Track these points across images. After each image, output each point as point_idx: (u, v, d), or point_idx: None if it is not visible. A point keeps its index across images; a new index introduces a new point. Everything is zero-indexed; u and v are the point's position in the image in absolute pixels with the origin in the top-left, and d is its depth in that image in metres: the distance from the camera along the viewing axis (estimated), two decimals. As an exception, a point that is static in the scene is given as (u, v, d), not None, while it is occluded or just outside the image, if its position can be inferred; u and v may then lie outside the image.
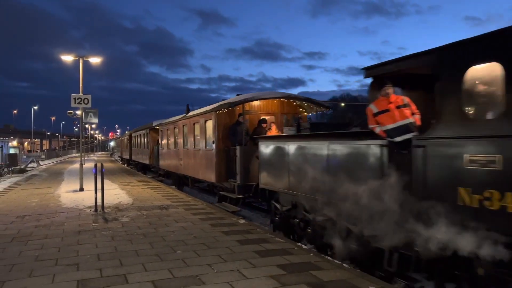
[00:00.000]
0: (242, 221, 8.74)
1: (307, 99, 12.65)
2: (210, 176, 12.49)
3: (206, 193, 16.87)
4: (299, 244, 6.96)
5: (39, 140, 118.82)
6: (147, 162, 26.29)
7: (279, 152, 8.36)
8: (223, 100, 15.23)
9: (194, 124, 14.45)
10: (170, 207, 10.57)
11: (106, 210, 10.04)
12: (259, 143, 9.44)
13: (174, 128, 17.91)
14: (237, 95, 13.93)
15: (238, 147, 10.80)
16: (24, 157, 45.98)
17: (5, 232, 7.69)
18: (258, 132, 10.86)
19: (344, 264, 5.71)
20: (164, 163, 20.40)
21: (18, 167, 30.14)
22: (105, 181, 11.90)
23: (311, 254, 6.04)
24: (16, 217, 9.24)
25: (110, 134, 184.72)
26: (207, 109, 13.17)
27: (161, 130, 21.54)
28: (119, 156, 54.55)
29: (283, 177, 8.09)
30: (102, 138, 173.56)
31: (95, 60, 17.28)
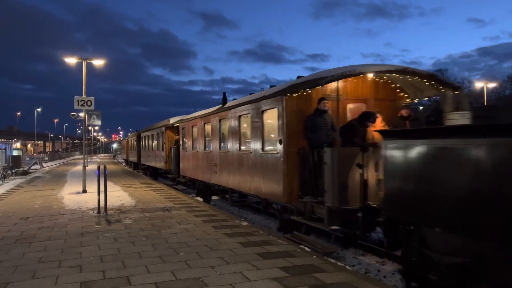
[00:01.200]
0: (245, 223, 8.74)
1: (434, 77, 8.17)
2: (273, 192, 8.65)
3: (253, 212, 13.01)
4: (302, 246, 6.93)
5: (42, 142, 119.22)
6: (161, 166, 21.96)
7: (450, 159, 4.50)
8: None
9: (240, 117, 10.69)
10: (173, 209, 10.58)
11: (109, 212, 10.05)
12: (391, 144, 5.48)
13: (204, 124, 13.92)
14: (250, 93, 11.70)
15: (328, 150, 7.16)
16: (27, 159, 46.13)
17: (9, 233, 7.71)
18: (355, 128, 7.91)
19: (347, 267, 5.70)
20: (187, 168, 16.39)
21: (22, 169, 30.32)
22: (108, 183, 11.91)
23: (314, 257, 6.03)
24: (19, 219, 9.27)
25: (113, 136, 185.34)
26: (266, 94, 9.20)
27: (182, 128, 17.60)
28: (124, 159, 50.04)
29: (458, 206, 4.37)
30: (105, 140, 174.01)
31: (98, 62, 17.40)
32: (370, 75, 8.01)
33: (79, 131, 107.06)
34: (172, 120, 19.84)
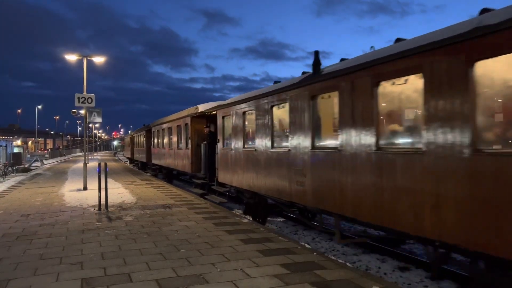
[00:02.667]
0: (246, 220, 8.74)
1: None
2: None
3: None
4: (302, 243, 6.94)
5: (42, 139, 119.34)
6: (182, 167, 17.00)
7: None
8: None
9: (378, 85, 5.80)
10: (174, 206, 10.58)
11: (109, 209, 10.07)
12: None
13: (272, 107, 8.96)
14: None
15: None
16: (28, 156, 46.19)
17: (10, 230, 7.72)
18: None
19: (347, 264, 5.70)
20: (230, 174, 11.68)
21: (22, 166, 30.32)
22: (109, 180, 11.93)
23: (315, 254, 6.04)
24: (20, 216, 9.28)
25: (113, 133, 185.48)
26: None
27: (223, 117, 12.32)
28: (127, 157, 44.62)
29: None
30: (106, 137, 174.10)
31: (99, 59, 17.39)
32: None
33: (80, 129, 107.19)
34: (202, 108, 14.52)
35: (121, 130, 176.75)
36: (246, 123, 10.66)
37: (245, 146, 10.61)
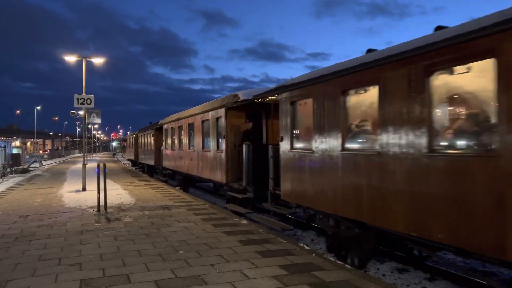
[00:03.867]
0: (244, 221, 8.75)
1: None
2: None
3: None
4: (301, 244, 6.94)
5: (41, 140, 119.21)
6: (214, 177, 12.73)
7: None
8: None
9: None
10: (173, 208, 10.58)
11: (108, 210, 10.06)
12: None
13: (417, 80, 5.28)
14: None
15: None
16: (27, 157, 46.14)
17: (8, 231, 7.72)
18: None
19: (346, 265, 5.71)
20: (314, 189, 7.59)
21: (21, 167, 30.29)
22: (108, 181, 11.93)
23: (313, 255, 6.04)
24: (19, 217, 9.27)
25: (112, 134, 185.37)
26: None
27: (303, 100, 8.08)
28: (129, 159, 41.35)
29: None
30: (105, 138, 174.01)
31: (98, 60, 17.44)
32: None
33: (79, 129, 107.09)
34: (245, 95, 10.75)
35: (120, 131, 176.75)
36: (348, 110, 6.67)
37: (347, 146, 6.65)
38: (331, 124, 6.97)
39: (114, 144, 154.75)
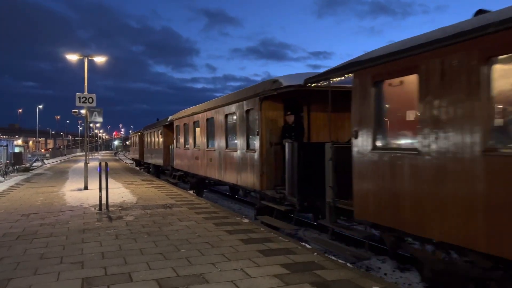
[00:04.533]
0: (246, 220, 8.75)
1: None
2: None
3: None
4: (303, 243, 6.95)
5: (43, 139, 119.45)
6: (246, 183, 10.27)
7: None
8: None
9: None
10: (174, 206, 10.59)
11: (110, 209, 10.08)
12: None
13: None
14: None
15: None
16: (29, 156, 46.24)
17: (11, 230, 7.73)
18: None
19: (348, 264, 5.71)
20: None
21: (23, 165, 30.37)
22: (109, 180, 11.94)
23: (315, 254, 6.04)
24: (21, 216, 9.29)
25: (114, 133, 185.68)
26: None
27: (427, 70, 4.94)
28: (134, 159, 39.22)
29: None
30: (107, 137, 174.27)
31: (100, 59, 17.45)
32: None
33: (81, 128, 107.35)
34: (287, 80, 8.69)
35: (122, 130, 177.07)
36: (494, 88, 4.26)
37: (492, 145, 4.26)
38: (459, 111, 4.53)
39: (116, 143, 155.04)
